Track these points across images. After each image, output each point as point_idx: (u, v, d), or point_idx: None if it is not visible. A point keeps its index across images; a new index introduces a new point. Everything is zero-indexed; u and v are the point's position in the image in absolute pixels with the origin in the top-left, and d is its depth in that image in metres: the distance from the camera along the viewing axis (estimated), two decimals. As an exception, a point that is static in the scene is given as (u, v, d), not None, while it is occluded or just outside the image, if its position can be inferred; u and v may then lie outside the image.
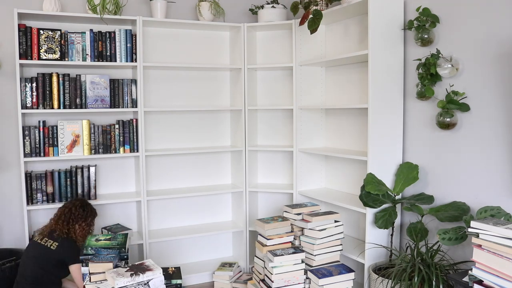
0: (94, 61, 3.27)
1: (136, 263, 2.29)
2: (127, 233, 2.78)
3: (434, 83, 2.77)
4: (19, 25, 3.05)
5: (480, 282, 2.05)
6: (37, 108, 3.16)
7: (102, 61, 3.30)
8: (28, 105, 3.13)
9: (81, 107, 3.27)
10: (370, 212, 2.91)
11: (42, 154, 3.19)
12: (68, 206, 2.88)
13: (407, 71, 3.00)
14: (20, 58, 3.07)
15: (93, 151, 3.33)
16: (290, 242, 2.96)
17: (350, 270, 2.80)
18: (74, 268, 2.73)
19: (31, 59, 3.11)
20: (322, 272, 2.77)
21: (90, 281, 2.23)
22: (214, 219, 3.98)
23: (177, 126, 3.79)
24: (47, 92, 3.17)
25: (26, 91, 3.12)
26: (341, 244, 2.97)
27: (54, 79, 3.19)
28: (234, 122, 3.91)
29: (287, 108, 3.61)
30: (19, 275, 2.74)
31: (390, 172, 2.99)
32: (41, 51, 3.12)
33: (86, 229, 2.86)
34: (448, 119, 2.62)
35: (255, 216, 3.92)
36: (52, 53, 3.16)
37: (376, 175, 2.89)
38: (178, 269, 2.92)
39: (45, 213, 3.37)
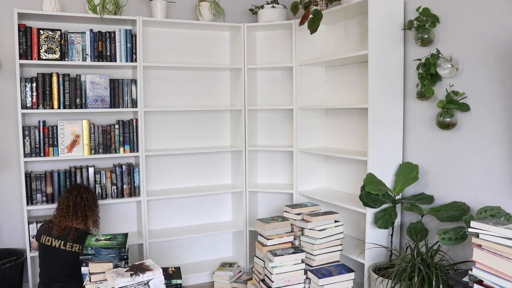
0: (94, 61, 3.27)
1: (136, 263, 2.29)
2: (127, 233, 2.78)
3: (434, 83, 2.77)
4: (19, 25, 3.05)
5: (480, 282, 2.05)
6: (37, 108, 3.16)
7: (102, 61, 3.30)
8: (28, 105, 3.13)
9: (81, 107, 3.27)
10: (370, 212, 2.91)
11: (42, 154, 3.19)
12: (76, 194, 2.81)
13: (407, 71, 3.00)
14: (20, 58, 3.07)
15: (93, 151, 3.33)
16: (290, 242, 2.95)
17: (350, 270, 2.80)
18: None
19: (31, 59, 3.11)
20: (322, 272, 2.77)
21: (90, 281, 2.23)
22: (214, 219, 3.98)
23: (177, 126, 3.79)
24: (47, 92, 3.17)
25: (26, 91, 3.12)
26: (341, 244, 2.97)
27: (54, 79, 3.19)
28: (234, 122, 3.91)
29: (287, 108, 3.61)
30: (46, 276, 2.70)
31: (390, 172, 2.99)
32: (41, 51, 3.12)
33: (98, 212, 2.88)
34: (448, 119, 2.62)
35: (255, 216, 3.92)
36: (52, 53, 3.16)
37: (376, 175, 2.89)
38: (178, 269, 2.91)
39: (45, 213, 3.37)
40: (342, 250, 2.99)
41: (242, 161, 3.78)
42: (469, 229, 2.08)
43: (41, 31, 3.12)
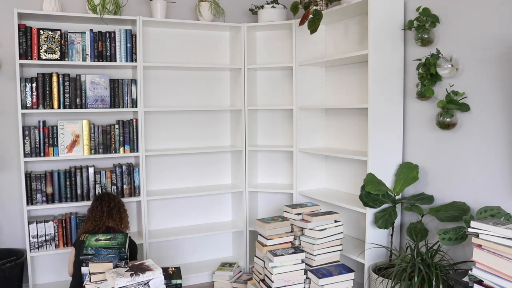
0: (94, 61, 3.27)
1: (136, 263, 2.29)
2: (127, 233, 2.78)
3: (434, 83, 2.77)
4: (19, 25, 3.05)
5: (480, 282, 2.05)
6: (37, 108, 3.16)
7: (102, 61, 3.30)
8: (28, 105, 3.13)
9: (81, 107, 3.27)
10: (370, 212, 2.91)
11: (42, 154, 3.19)
12: (108, 200, 2.89)
13: (407, 71, 3.00)
14: (20, 58, 3.07)
15: (93, 151, 3.33)
16: (290, 242, 2.95)
17: (350, 270, 2.80)
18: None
19: (31, 59, 3.11)
20: (322, 272, 2.77)
21: (90, 281, 2.23)
22: (214, 219, 3.98)
23: (177, 126, 3.79)
24: (47, 92, 3.17)
25: (26, 91, 3.12)
26: (341, 244, 2.97)
27: (54, 79, 3.19)
28: (234, 122, 3.91)
29: (287, 108, 3.61)
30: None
31: (390, 172, 2.99)
32: (41, 51, 3.12)
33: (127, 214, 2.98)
34: (448, 119, 2.62)
35: (255, 216, 3.92)
36: (52, 53, 3.16)
37: (376, 175, 2.89)
38: (178, 269, 2.91)
39: (45, 213, 3.37)
40: (342, 250, 2.99)
41: (242, 161, 3.78)
42: (469, 229, 2.08)
43: (41, 31, 3.12)
